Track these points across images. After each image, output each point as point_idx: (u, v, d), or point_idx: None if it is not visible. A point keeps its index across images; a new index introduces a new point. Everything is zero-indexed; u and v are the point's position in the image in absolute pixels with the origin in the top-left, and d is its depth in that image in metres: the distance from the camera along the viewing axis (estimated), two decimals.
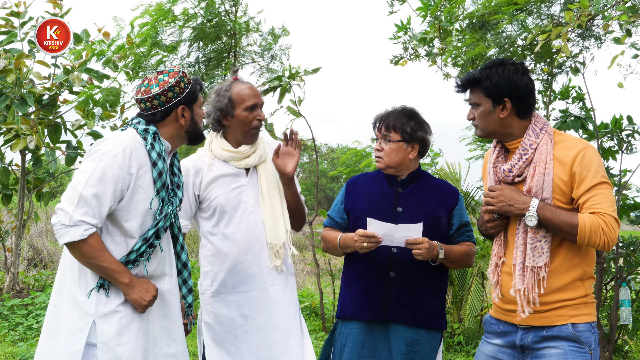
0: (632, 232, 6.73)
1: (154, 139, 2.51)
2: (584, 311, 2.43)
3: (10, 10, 7.29)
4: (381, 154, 2.97)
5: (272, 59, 6.89)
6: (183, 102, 2.56)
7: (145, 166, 2.48)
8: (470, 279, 6.23)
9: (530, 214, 2.36)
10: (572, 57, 4.82)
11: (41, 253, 10.97)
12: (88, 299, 2.44)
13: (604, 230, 2.30)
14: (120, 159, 2.41)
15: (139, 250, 2.47)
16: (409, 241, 2.77)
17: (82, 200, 2.37)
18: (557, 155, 2.41)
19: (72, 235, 2.37)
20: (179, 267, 2.67)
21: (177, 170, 2.68)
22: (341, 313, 3.02)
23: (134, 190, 2.45)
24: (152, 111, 2.54)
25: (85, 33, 7.32)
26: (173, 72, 2.56)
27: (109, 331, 2.43)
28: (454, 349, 5.98)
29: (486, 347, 2.60)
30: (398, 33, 5.09)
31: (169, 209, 2.53)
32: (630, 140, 4.96)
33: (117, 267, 2.42)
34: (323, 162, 23.73)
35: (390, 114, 3.00)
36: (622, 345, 5.55)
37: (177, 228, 2.65)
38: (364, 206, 2.98)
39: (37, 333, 6.22)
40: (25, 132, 6.53)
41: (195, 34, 6.58)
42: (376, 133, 3.02)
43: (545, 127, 2.48)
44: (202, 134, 2.68)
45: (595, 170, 2.35)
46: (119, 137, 2.48)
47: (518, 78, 2.44)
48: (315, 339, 6.31)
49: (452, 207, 2.99)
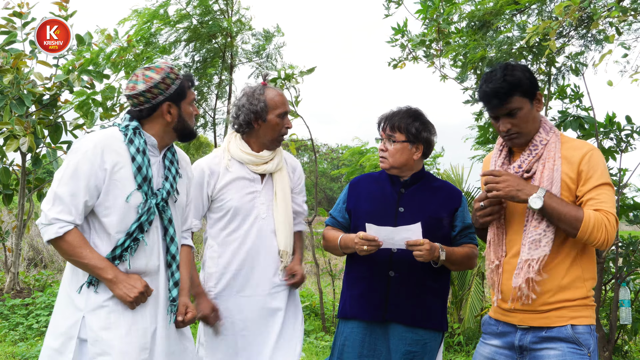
0: (631, 232, 6.73)
1: (134, 134, 2.52)
2: (584, 313, 2.44)
3: (13, 11, 7.30)
4: (385, 154, 2.97)
5: (267, 59, 6.89)
6: (169, 99, 2.55)
7: (123, 161, 2.48)
8: (470, 279, 6.24)
9: (537, 196, 2.35)
10: (573, 57, 4.82)
11: (41, 253, 10.97)
12: (79, 294, 2.47)
13: (606, 227, 2.33)
14: (90, 154, 2.43)
15: (123, 245, 2.47)
16: (410, 242, 2.75)
17: (57, 199, 2.42)
18: (564, 154, 2.45)
19: (49, 234, 2.43)
20: (168, 259, 2.63)
21: (169, 163, 2.65)
22: (342, 313, 3.03)
23: (109, 185, 2.45)
24: (138, 107, 2.55)
25: (88, 35, 7.34)
26: (159, 68, 2.55)
27: (97, 325, 2.45)
28: (454, 349, 5.98)
29: (484, 349, 2.60)
30: (395, 36, 5.09)
31: (152, 202, 2.51)
32: (630, 140, 4.97)
33: (99, 264, 2.44)
34: (323, 162, 23.73)
35: (395, 114, 2.99)
36: (621, 345, 5.56)
37: (168, 219, 2.61)
38: (366, 206, 2.98)
39: (37, 333, 6.23)
40: (19, 133, 6.53)
41: (190, 34, 6.58)
42: (380, 133, 3.01)
43: (553, 128, 2.53)
44: (192, 130, 2.66)
45: (601, 171, 2.41)
46: (92, 135, 2.51)
47: (530, 72, 2.49)
48: (315, 338, 6.31)
49: (454, 209, 2.98)
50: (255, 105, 3.05)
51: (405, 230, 2.75)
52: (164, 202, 2.57)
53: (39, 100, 7.09)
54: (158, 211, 2.56)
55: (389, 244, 2.80)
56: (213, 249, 3.11)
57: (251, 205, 3.07)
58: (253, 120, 3.07)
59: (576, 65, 4.87)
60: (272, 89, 3.13)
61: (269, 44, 6.84)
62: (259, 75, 7.01)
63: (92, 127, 7.07)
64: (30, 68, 7.28)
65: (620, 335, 5.44)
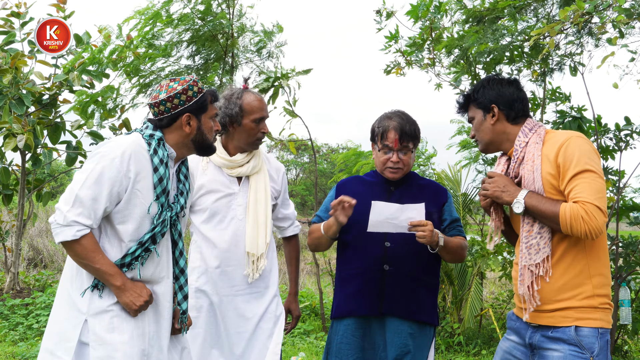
0: (632, 232, 6.74)
1: (158, 145, 2.52)
2: (592, 315, 2.39)
3: (11, 11, 7.30)
4: (400, 165, 3.00)
5: (268, 57, 6.88)
6: (190, 110, 2.56)
7: (145, 171, 2.48)
8: (470, 279, 6.24)
9: (517, 201, 2.45)
10: (570, 56, 4.83)
11: (41, 253, 10.98)
12: (82, 297, 2.47)
13: (583, 218, 2.29)
14: (118, 162, 2.42)
15: (134, 254, 2.48)
16: (414, 223, 2.81)
17: (78, 201, 2.40)
18: (545, 152, 2.45)
19: (65, 235, 2.40)
20: (177, 272, 2.66)
21: (184, 177, 2.68)
22: (336, 312, 3.05)
23: (131, 193, 2.45)
24: (159, 117, 2.56)
25: (86, 35, 7.34)
26: (184, 80, 2.57)
27: (100, 329, 2.44)
28: (454, 349, 5.98)
29: (504, 343, 2.65)
30: (389, 42, 5.12)
31: (167, 214, 2.53)
32: (629, 140, 4.98)
33: (109, 270, 2.44)
34: (323, 162, 23.75)
35: (403, 125, 3.00)
36: (622, 345, 5.56)
37: (178, 234, 2.64)
38: (356, 206, 2.98)
39: (37, 333, 6.23)
40: (17, 131, 6.54)
41: (191, 33, 6.57)
42: (390, 144, 3.00)
43: (535, 128, 2.55)
44: (211, 145, 2.66)
45: (577, 158, 2.36)
46: (119, 141, 2.50)
47: (503, 87, 2.62)
48: (315, 339, 6.32)
49: (442, 203, 3.06)
50: (231, 110, 3.11)
51: (411, 209, 2.81)
52: (177, 216, 2.60)
53: (38, 100, 7.09)
54: (170, 224, 2.58)
55: (390, 226, 2.83)
56: (196, 244, 3.19)
57: (227, 207, 3.14)
58: (228, 123, 3.13)
59: (575, 65, 4.87)
60: (251, 93, 3.17)
61: (270, 42, 6.82)
62: (260, 74, 7.01)
63: (92, 127, 7.07)
64: (30, 68, 7.28)
65: (620, 335, 5.45)
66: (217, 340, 3.14)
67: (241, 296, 3.15)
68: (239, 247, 3.14)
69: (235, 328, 3.14)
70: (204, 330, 3.12)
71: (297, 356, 5.40)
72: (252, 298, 3.17)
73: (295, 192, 24.09)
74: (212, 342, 3.13)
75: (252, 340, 3.14)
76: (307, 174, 26.50)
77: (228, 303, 3.14)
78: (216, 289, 3.12)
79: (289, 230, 3.43)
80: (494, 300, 7.25)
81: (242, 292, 3.15)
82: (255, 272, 3.15)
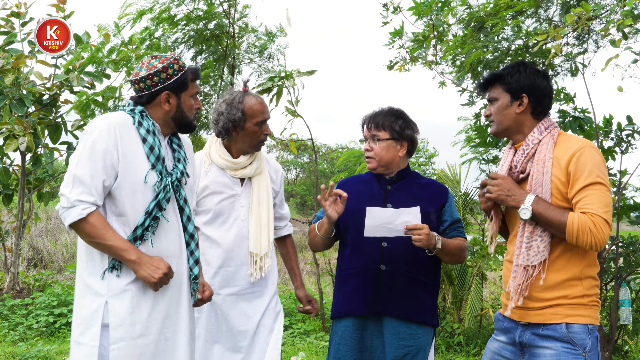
0: (632, 232, 6.73)
1: (142, 117, 2.55)
2: (581, 312, 2.42)
3: (11, 11, 7.30)
4: (371, 154, 3.02)
5: (269, 58, 6.88)
6: (169, 88, 2.58)
7: (134, 141, 2.51)
8: (470, 279, 6.24)
9: (524, 207, 2.41)
10: (571, 57, 4.82)
11: (41, 253, 10.98)
12: (101, 280, 2.46)
13: (591, 230, 2.30)
14: (105, 133, 2.45)
15: (143, 224, 2.48)
16: (410, 227, 2.79)
17: (77, 180, 2.42)
18: (556, 155, 2.43)
19: (72, 216, 2.41)
20: (186, 238, 2.66)
21: (177, 147, 2.70)
22: (335, 312, 3.06)
23: (124, 165, 2.47)
24: (139, 94, 2.59)
25: (86, 35, 7.33)
26: (165, 57, 2.59)
27: (121, 310, 2.45)
28: (454, 349, 5.98)
29: (492, 344, 2.64)
30: (393, 38, 5.11)
31: (167, 180, 2.54)
32: (630, 140, 4.97)
33: (123, 245, 2.43)
34: (323, 162, 23.75)
35: (379, 114, 3.05)
36: (622, 345, 5.56)
37: (183, 199, 2.64)
38: (353, 205, 3.00)
39: (37, 333, 6.23)
40: (19, 132, 6.54)
41: (193, 34, 6.57)
42: (365, 133, 3.07)
43: (550, 128, 2.52)
44: (191, 122, 2.68)
45: (589, 170, 2.35)
46: (104, 116, 2.54)
47: (539, 78, 2.53)
48: (315, 339, 6.32)
49: (442, 204, 3.04)
50: (234, 115, 3.13)
51: (406, 213, 2.80)
52: (178, 182, 2.61)
53: (38, 100, 7.08)
54: (173, 190, 2.59)
55: (387, 230, 2.83)
56: (200, 241, 3.19)
57: (231, 208, 3.17)
58: (231, 128, 3.15)
59: (575, 66, 4.87)
60: (252, 96, 3.19)
61: (272, 44, 6.82)
62: (260, 75, 7.00)
63: None
64: (30, 68, 7.28)
65: (620, 335, 5.44)
66: (218, 338, 3.15)
67: (243, 295, 3.17)
68: (242, 248, 3.16)
69: (238, 326, 3.16)
70: (205, 330, 3.14)
71: (297, 356, 5.40)
72: (254, 297, 3.19)
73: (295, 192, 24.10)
74: (213, 340, 3.15)
75: (254, 337, 3.17)
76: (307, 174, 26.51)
77: (231, 303, 3.16)
78: (219, 289, 3.14)
79: (284, 230, 3.46)
80: (494, 300, 7.25)
81: (244, 291, 3.17)
82: (259, 271, 3.17)
